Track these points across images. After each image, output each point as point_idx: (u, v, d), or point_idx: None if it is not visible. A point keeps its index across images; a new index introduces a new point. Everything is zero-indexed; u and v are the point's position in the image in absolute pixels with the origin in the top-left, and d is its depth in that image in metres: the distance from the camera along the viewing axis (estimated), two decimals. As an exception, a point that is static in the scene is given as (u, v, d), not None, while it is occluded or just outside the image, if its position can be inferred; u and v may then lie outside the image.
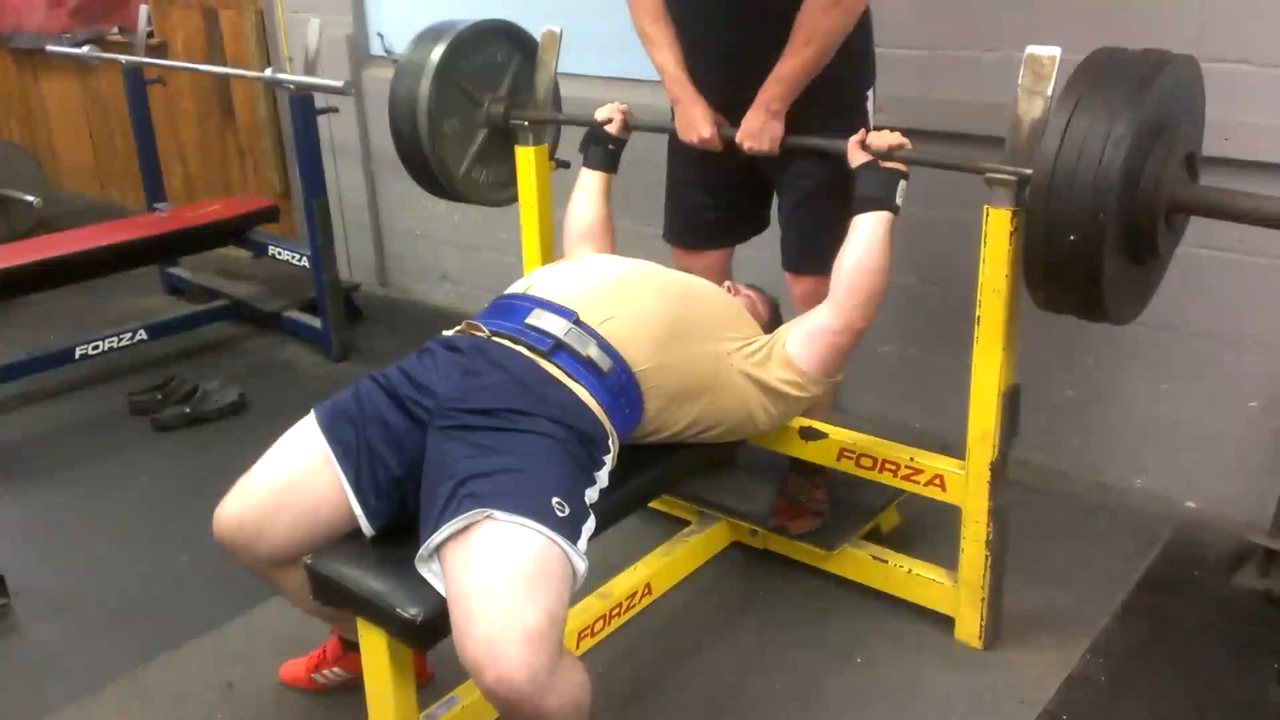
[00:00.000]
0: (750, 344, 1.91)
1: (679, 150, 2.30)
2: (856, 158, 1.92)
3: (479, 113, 2.46)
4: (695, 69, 2.17)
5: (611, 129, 2.28)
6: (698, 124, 2.15)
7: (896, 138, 1.89)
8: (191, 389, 3.27)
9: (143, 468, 2.99)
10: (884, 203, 1.89)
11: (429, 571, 1.51)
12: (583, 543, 1.52)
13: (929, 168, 1.97)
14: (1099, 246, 1.51)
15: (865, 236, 1.89)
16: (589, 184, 2.30)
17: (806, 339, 1.92)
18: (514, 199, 2.55)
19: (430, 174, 2.44)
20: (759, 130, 2.07)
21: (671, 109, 2.21)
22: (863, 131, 1.93)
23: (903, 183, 1.89)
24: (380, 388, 1.73)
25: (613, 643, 2.15)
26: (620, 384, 1.74)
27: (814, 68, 2.01)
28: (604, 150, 2.29)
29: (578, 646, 2.02)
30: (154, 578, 2.47)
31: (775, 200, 2.31)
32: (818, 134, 2.06)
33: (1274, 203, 1.52)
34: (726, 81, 2.12)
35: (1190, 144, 1.62)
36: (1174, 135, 1.58)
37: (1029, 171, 1.63)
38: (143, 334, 3.65)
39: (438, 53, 2.33)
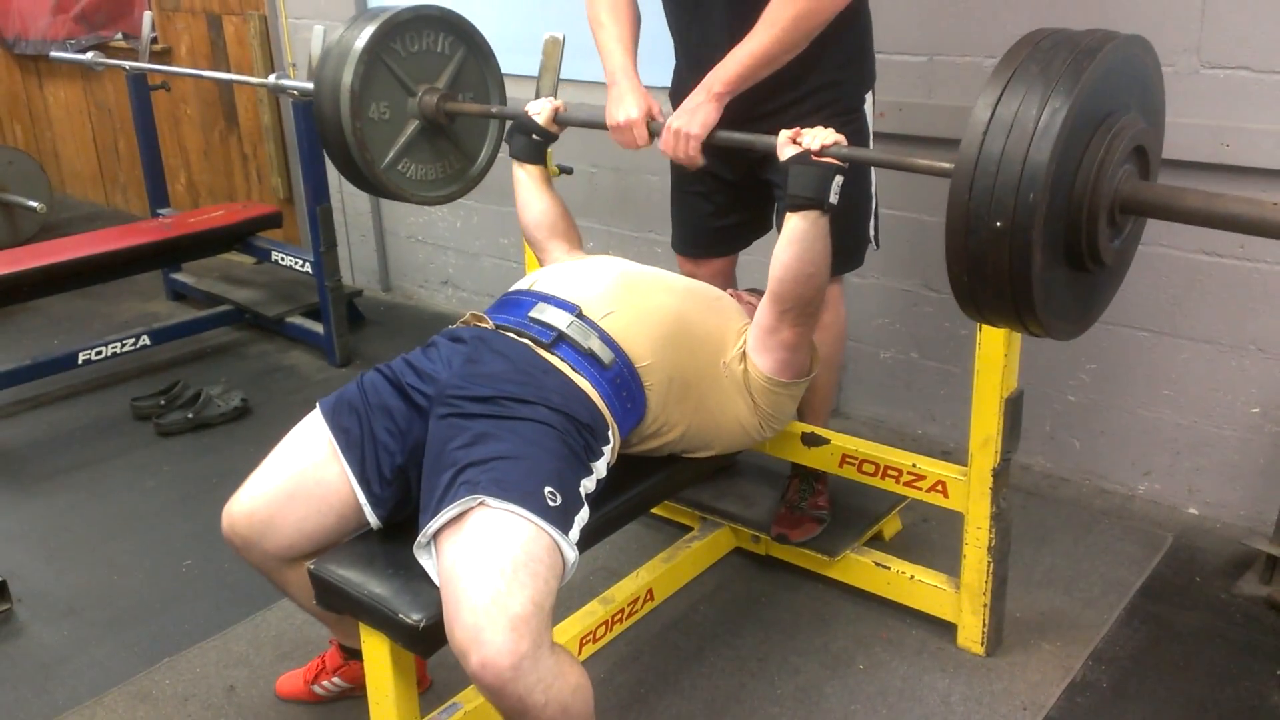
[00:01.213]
0: (740, 356, 1.91)
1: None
2: (786, 151, 1.76)
3: (412, 102, 2.31)
4: (681, 69, 2.18)
5: (540, 120, 2.17)
6: (626, 105, 2.06)
7: (830, 135, 1.73)
8: (195, 394, 3.28)
9: (146, 473, 3.00)
10: (816, 201, 1.73)
11: (426, 558, 1.53)
12: (574, 532, 1.54)
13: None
14: (1028, 233, 1.31)
15: (797, 239, 1.76)
16: (523, 178, 2.20)
17: (760, 347, 1.89)
18: (448, 199, 2.43)
19: (349, 157, 2.26)
20: (692, 109, 1.95)
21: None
22: (796, 130, 1.76)
23: (838, 179, 1.72)
24: (384, 378, 1.76)
25: (615, 648, 2.16)
26: (622, 377, 1.76)
27: (772, 55, 1.91)
28: (527, 139, 2.18)
29: (580, 652, 2.03)
30: (157, 582, 2.48)
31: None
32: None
33: (1226, 201, 1.33)
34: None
35: (1141, 136, 1.42)
36: (1119, 123, 1.38)
37: (951, 165, 1.42)
38: (146, 339, 3.67)
39: (368, 32, 2.19)
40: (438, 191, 2.42)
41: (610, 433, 1.72)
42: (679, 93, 2.25)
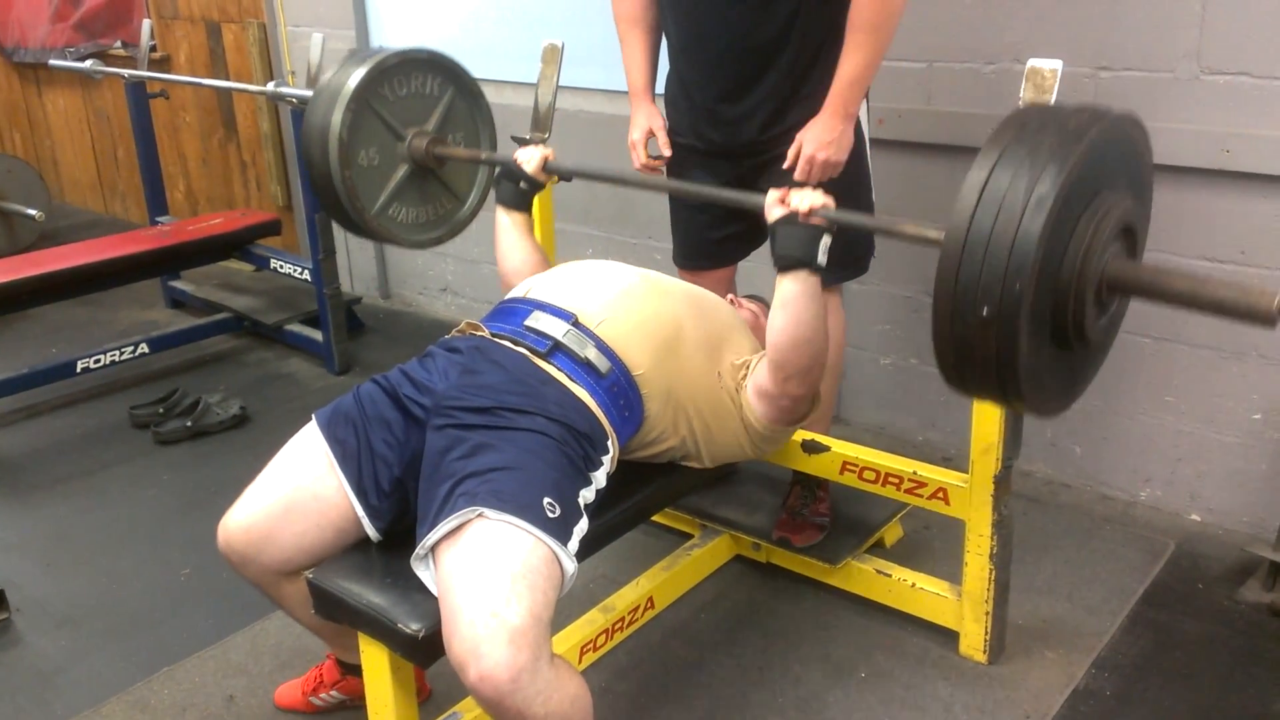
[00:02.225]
0: (737, 367, 1.89)
1: (675, 174, 2.32)
2: (774, 212, 1.73)
3: (401, 147, 2.27)
4: (687, 73, 2.19)
5: (528, 168, 2.13)
6: (632, 128, 2.26)
7: (819, 197, 1.70)
8: (193, 402, 3.27)
9: (145, 481, 2.99)
10: (805, 262, 1.70)
11: (424, 571, 1.52)
12: (574, 544, 1.53)
13: (934, 182, 1.95)
14: (1014, 323, 1.29)
15: (790, 304, 1.73)
16: (507, 225, 2.16)
17: (758, 394, 1.86)
18: (438, 241, 2.40)
19: (339, 205, 2.23)
20: (838, 138, 2.02)
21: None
22: (785, 190, 1.74)
23: (826, 238, 1.70)
24: (381, 389, 1.75)
25: (615, 657, 2.15)
26: (619, 385, 1.74)
27: (878, 60, 2.00)
28: (515, 188, 2.14)
29: (580, 660, 2.02)
30: (156, 591, 2.47)
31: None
32: None
33: (1214, 286, 1.32)
34: (718, 83, 2.13)
35: (1128, 216, 1.40)
36: (1109, 204, 1.37)
37: (942, 235, 1.40)
38: (145, 347, 3.66)
39: (356, 77, 2.15)
40: (427, 234, 2.39)
41: (609, 442, 1.71)
42: (674, 103, 2.26)
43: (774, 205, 1.73)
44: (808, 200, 1.70)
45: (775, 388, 1.82)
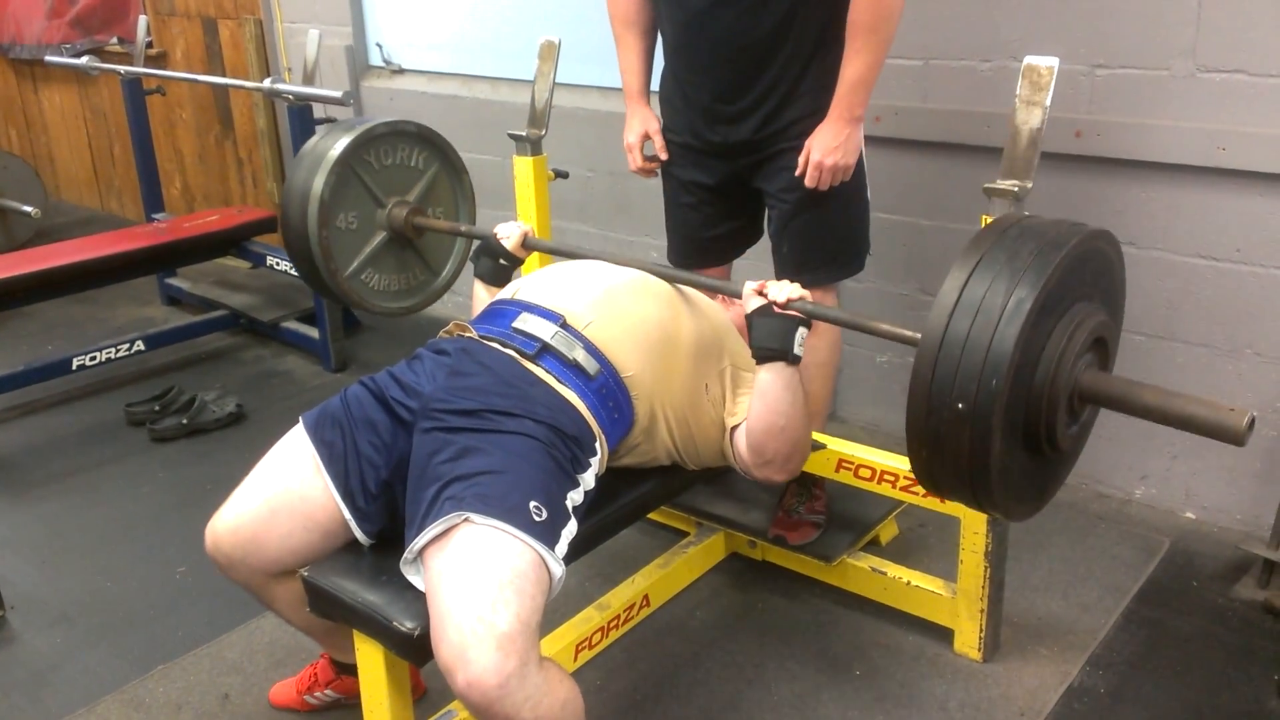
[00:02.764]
0: (723, 379, 1.86)
1: (671, 174, 2.32)
2: (752, 303, 1.73)
3: (381, 214, 2.29)
4: (682, 72, 2.19)
5: (508, 244, 2.10)
6: (627, 130, 2.30)
7: (796, 290, 1.71)
8: (189, 400, 3.27)
9: (140, 479, 2.99)
10: (780, 353, 1.70)
11: (414, 575, 1.52)
12: (561, 547, 1.52)
13: (927, 185, 1.95)
14: (989, 419, 1.31)
15: (767, 394, 1.74)
16: (485, 299, 2.09)
17: (738, 451, 1.83)
18: (408, 311, 2.41)
19: (312, 264, 2.23)
20: (845, 142, 2.03)
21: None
22: (761, 282, 1.75)
23: (801, 330, 1.70)
24: (368, 391, 1.74)
25: (611, 655, 2.15)
26: (607, 387, 1.74)
27: (881, 61, 2.02)
28: (494, 263, 2.12)
29: (575, 659, 2.02)
30: (152, 589, 2.47)
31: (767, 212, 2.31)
32: (800, 140, 2.07)
33: (1183, 401, 1.34)
34: (714, 83, 2.13)
35: (1101, 329, 1.43)
36: (1083, 314, 1.40)
37: (918, 335, 1.43)
38: (140, 345, 3.66)
39: (343, 143, 2.19)
40: (398, 303, 2.39)
41: (598, 444, 1.70)
42: (669, 101, 2.26)
43: (751, 296, 1.74)
44: (784, 292, 1.71)
45: (755, 469, 1.82)
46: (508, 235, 2.11)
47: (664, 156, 2.29)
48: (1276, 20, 2.19)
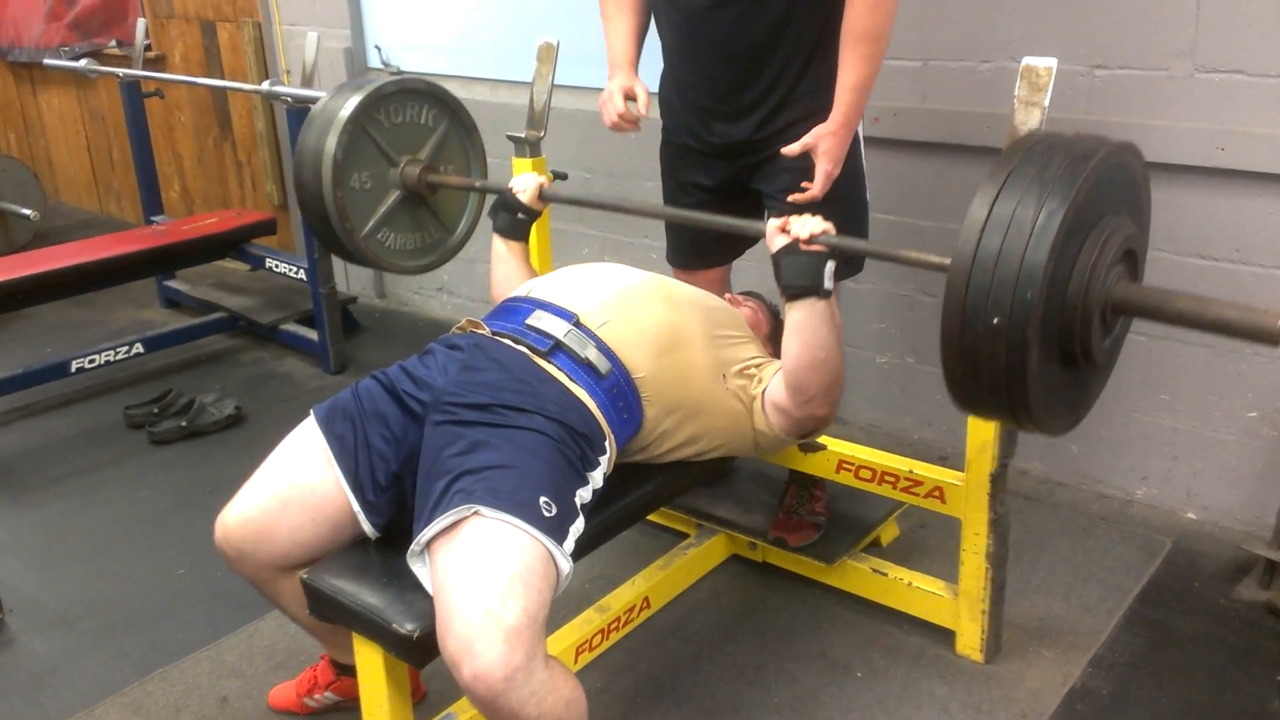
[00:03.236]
0: (745, 369, 1.89)
1: (670, 176, 2.31)
2: (777, 242, 1.73)
3: (393, 173, 2.28)
4: (681, 73, 2.18)
5: (524, 198, 2.12)
6: (610, 84, 2.16)
7: (819, 223, 1.70)
8: (188, 402, 3.27)
9: (139, 481, 2.98)
10: (811, 289, 1.71)
11: (420, 567, 1.52)
12: (569, 543, 1.52)
13: (931, 185, 1.95)
14: (1025, 331, 1.32)
15: (803, 329, 1.73)
16: (505, 254, 2.15)
17: (775, 410, 1.85)
18: (426, 268, 2.40)
19: (328, 225, 2.23)
20: (830, 152, 2.00)
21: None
22: (784, 219, 1.74)
23: (830, 264, 1.69)
24: (380, 384, 1.75)
25: (611, 657, 2.14)
26: (619, 387, 1.74)
27: (877, 68, 2.00)
28: (512, 217, 2.14)
29: (576, 661, 2.01)
30: (150, 592, 2.46)
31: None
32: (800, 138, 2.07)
33: (1218, 306, 1.35)
34: (712, 84, 2.12)
35: (1131, 241, 1.44)
36: (1112, 227, 1.41)
37: (947, 260, 1.44)
38: (139, 347, 3.65)
39: (353, 102, 2.17)
40: (415, 261, 2.40)
41: (607, 443, 1.71)
42: (668, 103, 2.25)
43: (775, 235, 1.73)
44: (808, 227, 1.69)
45: (798, 410, 1.82)
46: (524, 188, 2.12)
47: (644, 114, 2.18)
48: (1275, 20, 2.19)
